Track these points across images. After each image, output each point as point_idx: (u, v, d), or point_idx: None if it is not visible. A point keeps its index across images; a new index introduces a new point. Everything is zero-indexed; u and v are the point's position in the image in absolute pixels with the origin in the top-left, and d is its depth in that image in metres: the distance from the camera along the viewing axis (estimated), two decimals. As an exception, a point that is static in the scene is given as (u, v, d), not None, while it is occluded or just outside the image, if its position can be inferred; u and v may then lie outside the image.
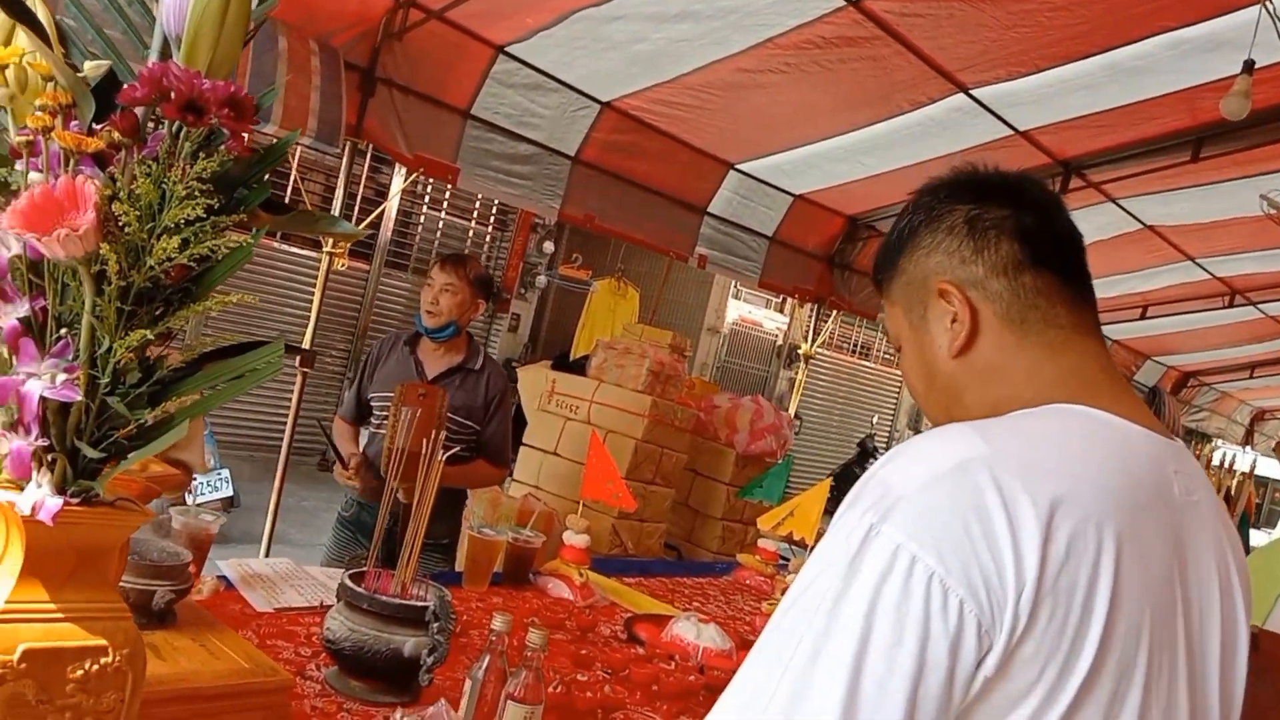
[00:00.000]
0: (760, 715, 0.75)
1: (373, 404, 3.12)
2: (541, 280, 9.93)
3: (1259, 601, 1.62)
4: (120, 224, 0.83)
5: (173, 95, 0.83)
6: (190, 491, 5.44)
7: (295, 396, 3.89)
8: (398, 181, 7.64)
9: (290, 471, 4.51)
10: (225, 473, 5.73)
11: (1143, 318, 7.35)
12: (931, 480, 0.78)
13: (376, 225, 8.64)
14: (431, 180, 9.07)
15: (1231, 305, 7.11)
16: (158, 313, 0.88)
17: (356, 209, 7.77)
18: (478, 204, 9.59)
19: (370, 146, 3.97)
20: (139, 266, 0.84)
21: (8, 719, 0.87)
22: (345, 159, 3.99)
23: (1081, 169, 4.91)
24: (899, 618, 0.73)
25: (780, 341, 12.56)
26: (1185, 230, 5.77)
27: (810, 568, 0.81)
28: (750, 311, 12.30)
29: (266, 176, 0.91)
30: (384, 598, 1.68)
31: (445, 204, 9.40)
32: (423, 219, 9.30)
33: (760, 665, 0.78)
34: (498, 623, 1.57)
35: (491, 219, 9.75)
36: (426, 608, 1.67)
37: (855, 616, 0.74)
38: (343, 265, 3.95)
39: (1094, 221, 5.47)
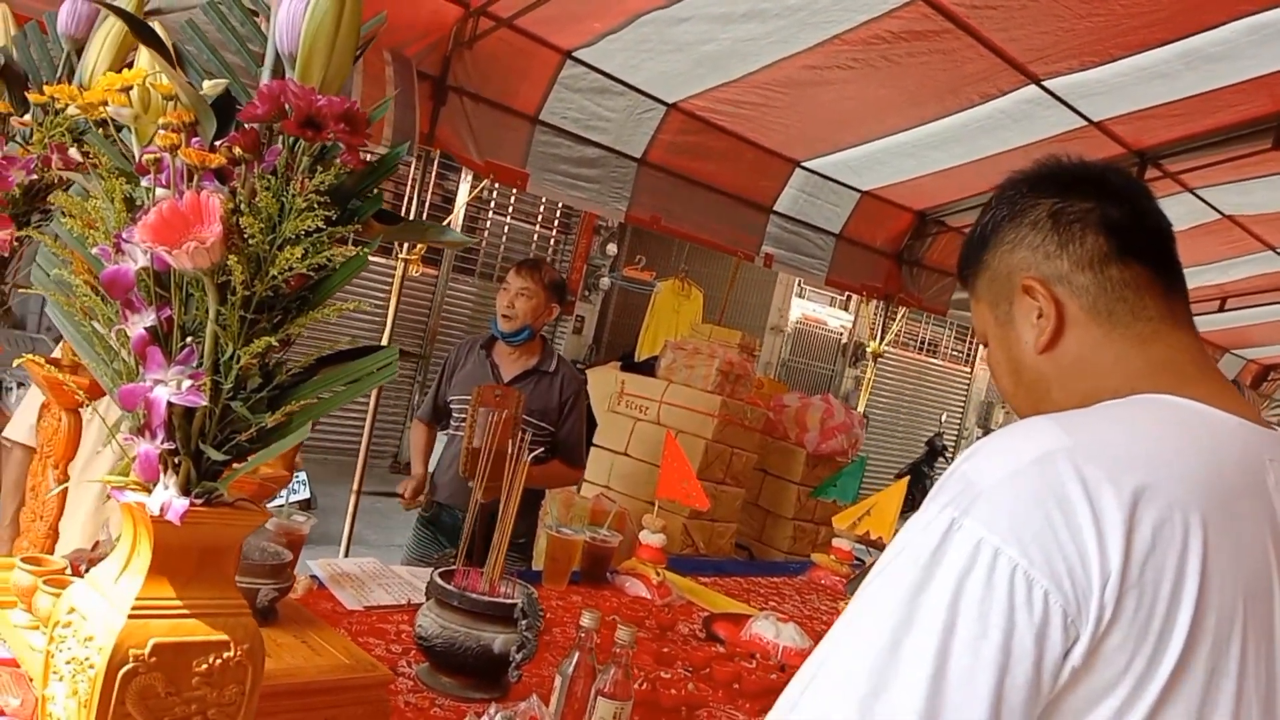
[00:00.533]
0: (839, 704, 0.75)
1: (451, 406, 3.18)
2: (605, 282, 9.99)
3: None
4: (244, 236, 0.87)
5: (291, 111, 0.87)
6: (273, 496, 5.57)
7: (373, 399, 3.97)
8: (464, 188, 7.74)
9: (365, 474, 4.61)
10: (302, 475, 5.85)
11: (1221, 310, 7.16)
12: (1013, 473, 0.78)
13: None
14: (498, 186, 9.20)
15: (1315, 296, 6.90)
16: (277, 320, 0.92)
17: (425, 216, 7.88)
18: (542, 208, 9.68)
19: (438, 154, 4.04)
20: (261, 276, 0.88)
21: (138, 709, 0.91)
22: (419, 168, 4.07)
23: (1158, 159, 4.81)
24: (983, 611, 0.73)
25: (845, 339, 12.46)
26: (1266, 219, 5.62)
27: (889, 561, 0.81)
28: (814, 310, 12.22)
29: (380, 190, 0.94)
30: (474, 595, 1.72)
31: (511, 209, 9.51)
32: (489, 224, 9.42)
33: (838, 656, 0.78)
34: (587, 619, 1.59)
35: (556, 223, 9.83)
36: (515, 605, 1.71)
37: (939, 609, 0.74)
38: (417, 272, 4.02)
39: (1171, 212, 5.12)
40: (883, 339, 6.16)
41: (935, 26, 3.59)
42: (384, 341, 4.01)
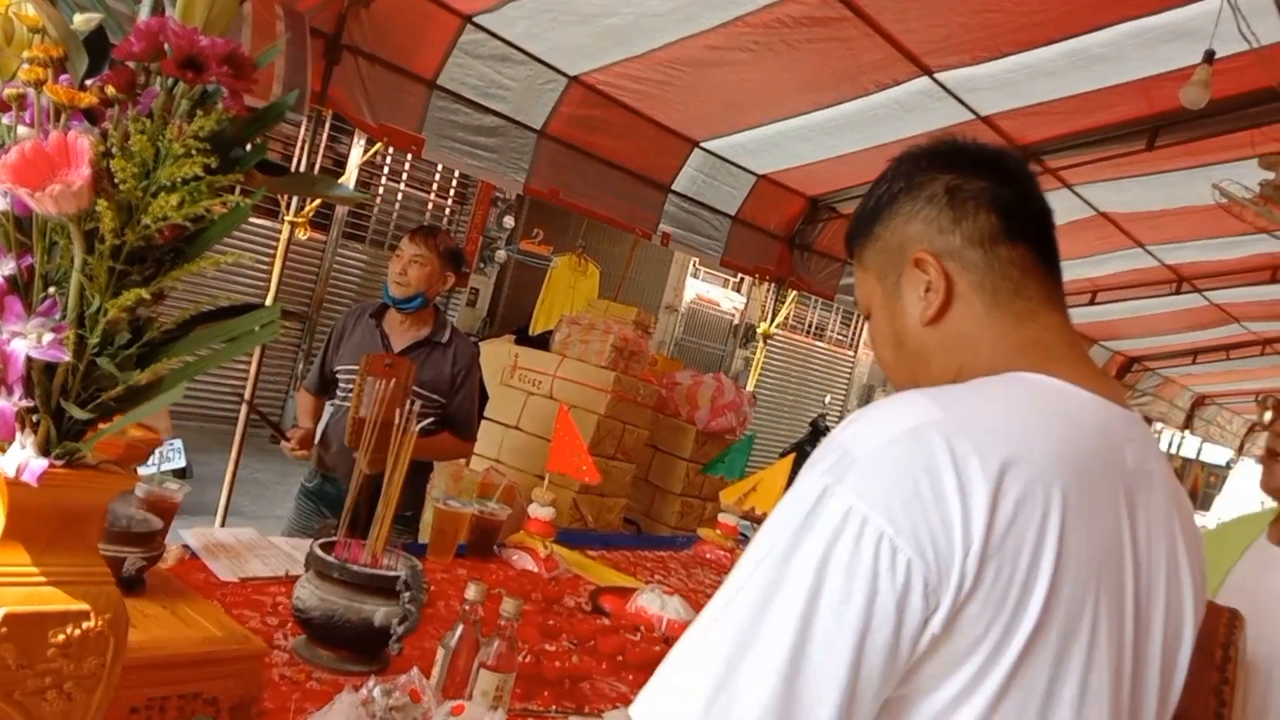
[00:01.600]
0: (707, 661, 0.77)
1: (339, 376, 3.09)
2: (501, 255, 9.88)
3: (1211, 574, 1.67)
4: (115, 181, 0.81)
5: (170, 51, 0.82)
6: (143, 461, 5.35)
7: (254, 363, 3.84)
8: (357, 152, 7.54)
9: (244, 443, 4.45)
10: (178, 443, 5.64)
11: (1092, 303, 7.49)
12: (885, 444, 0.80)
13: (333, 195, 8.51)
14: (391, 151, 8.96)
15: (1178, 292, 7.26)
16: (149, 273, 0.87)
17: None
18: (438, 176, 9.50)
19: (330, 115, 3.92)
20: (133, 225, 0.83)
21: (-11, 682, 0.86)
22: (309, 128, 3.94)
23: (1040, 155, 4.97)
24: (848, 575, 0.75)
25: (736, 320, 12.62)
26: (1137, 218, 5.89)
27: (767, 526, 0.82)
28: (708, 290, 12.33)
29: (265, 138, 0.89)
30: (355, 567, 1.68)
31: (405, 176, 9.30)
32: (382, 190, 9.19)
33: (710, 615, 0.80)
34: (472, 592, 1.57)
35: (452, 192, 9.66)
36: (398, 577, 1.67)
37: (806, 572, 0.76)
38: (304, 235, 3.89)
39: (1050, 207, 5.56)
40: (773, 321, 6.25)
41: (834, 14, 3.64)
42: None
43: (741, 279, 12.16)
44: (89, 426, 0.90)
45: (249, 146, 0.88)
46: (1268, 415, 1.62)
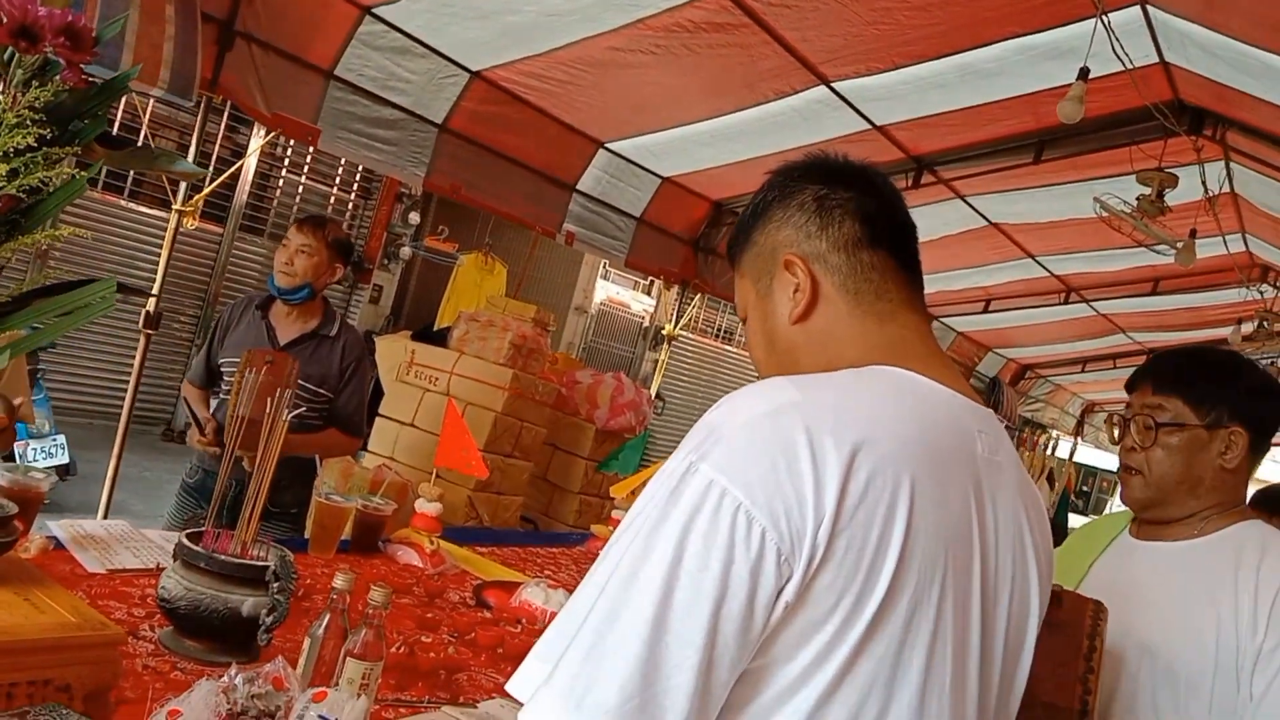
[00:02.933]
0: (578, 632, 0.81)
1: (222, 370, 3.02)
2: (406, 252, 9.75)
3: (1076, 566, 1.76)
4: (-58, 149, 0.80)
5: (4, 20, 0.81)
6: (22, 458, 5.15)
7: (138, 359, 3.73)
8: (255, 142, 7.37)
9: (133, 441, 4.32)
10: (61, 439, 5.44)
11: (986, 311, 7.74)
12: (747, 423, 0.85)
13: (231, 187, 8.32)
14: (292, 143, 8.79)
15: (1067, 302, 7.56)
16: (-19, 244, 0.85)
17: (211, 168, 7.46)
18: (341, 170, 9.34)
19: (228, 104, 3.84)
20: (-39, 194, 0.81)
21: None
22: (200, 115, 3.85)
23: (933, 165, 5.14)
24: (706, 545, 0.80)
25: (647, 323, 12.69)
26: (1026, 229, 6.11)
27: (639, 501, 0.87)
28: (618, 293, 12.37)
29: (104, 111, 0.89)
30: (222, 556, 1.65)
31: (306, 168, 9.11)
32: (281, 183, 9.00)
33: (584, 589, 0.85)
34: (339, 581, 1.56)
35: (355, 186, 9.51)
36: (267, 567, 1.65)
37: (669, 543, 0.81)
38: (191, 225, 3.80)
39: (943, 217, 5.74)
40: (678, 323, 6.31)
41: (734, 20, 3.70)
42: (150, 308, 3.76)
43: (652, 282, 12.23)
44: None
45: (89, 118, 0.87)
46: (1116, 431, 1.71)
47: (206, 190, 4.02)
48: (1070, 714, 1.37)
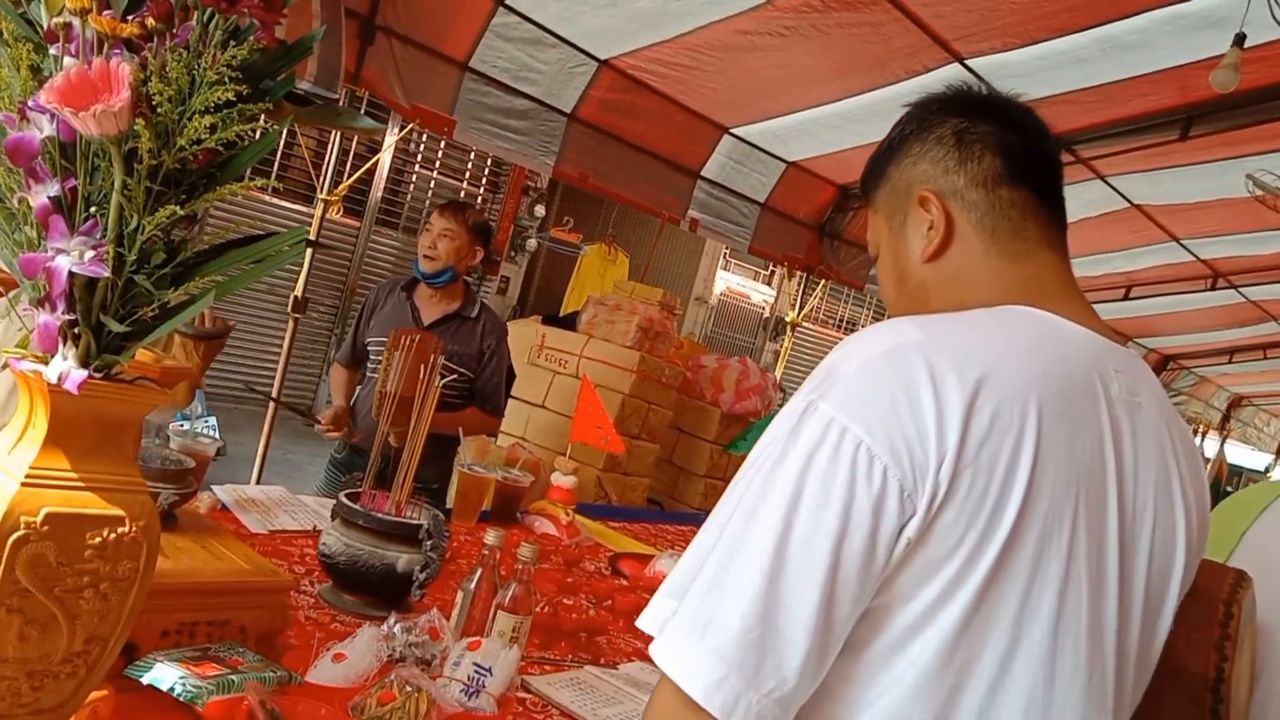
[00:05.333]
0: (701, 566, 0.83)
1: (369, 349, 3.16)
2: (532, 243, 9.93)
3: (1227, 536, 1.67)
4: (153, 104, 0.87)
5: (205, -18, 0.87)
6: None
7: (287, 340, 3.92)
8: (391, 138, 7.62)
9: (278, 425, 4.51)
10: (212, 420, 5.73)
11: (1126, 298, 7.40)
12: (867, 361, 0.85)
13: (368, 183, 8.63)
14: (425, 139, 9.06)
15: (1214, 288, 7.17)
16: (184, 195, 0.92)
17: (349, 164, 7.75)
18: (470, 165, 9.57)
19: (366, 100, 3.98)
20: (169, 147, 0.88)
21: (28, 576, 0.91)
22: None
23: (1072, 144, 4.94)
24: (826, 482, 0.80)
25: (767, 314, 12.62)
26: (1171, 210, 5.82)
27: (760, 442, 0.87)
28: (739, 283, 12.34)
29: (292, 71, 0.94)
30: (379, 514, 1.73)
31: (438, 164, 9.38)
32: (414, 178, 9.28)
33: (708, 528, 0.86)
34: (490, 537, 1.62)
35: (484, 180, 9.73)
36: (420, 525, 1.72)
37: (788, 480, 0.81)
38: (336, 213, 3.96)
39: (1081, 198, 5.52)
40: (800, 310, 6.25)
41: (865, -3, 3.65)
42: (298, 292, 3.94)
43: (772, 272, 12.15)
44: (126, 341, 0.95)
45: (278, 78, 0.93)
46: None
47: (349, 181, 4.19)
48: (1204, 680, 1.30)
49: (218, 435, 5.76)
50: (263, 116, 0.94)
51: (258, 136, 0.92)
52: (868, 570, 0.81)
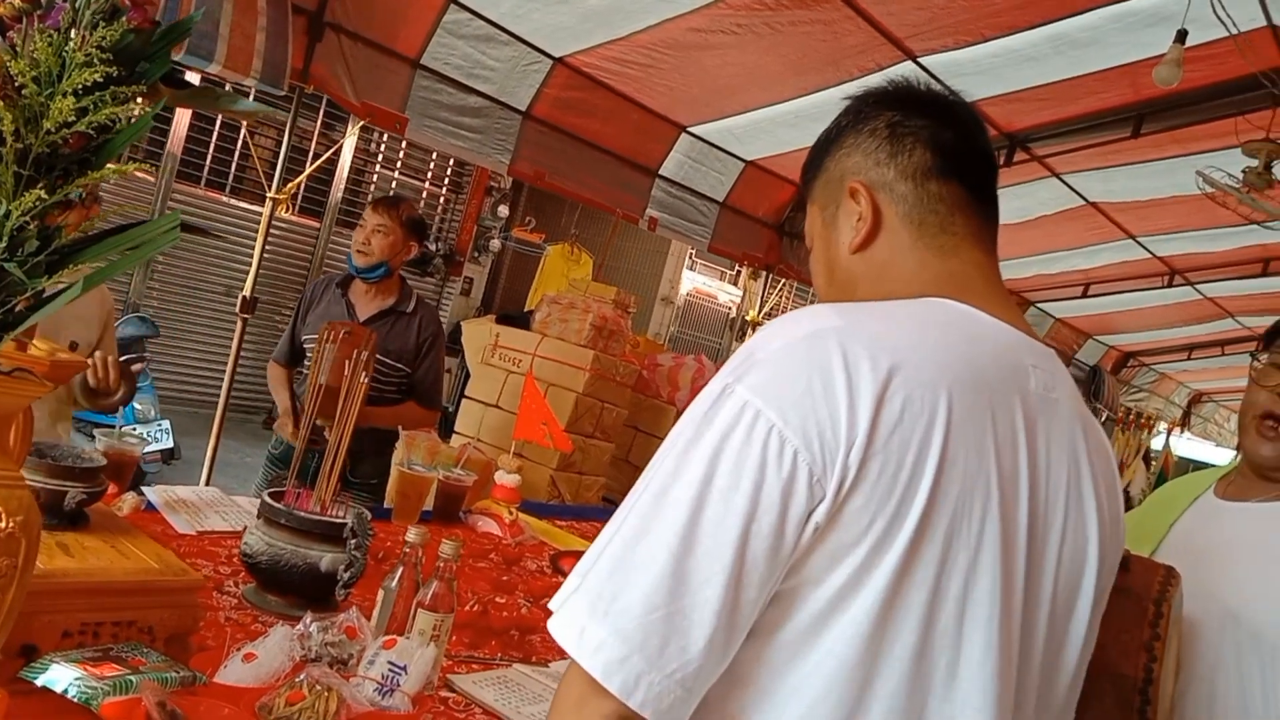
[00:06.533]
0: (610, 545, 0.82)
1: (305, 346, 3.12)
2: (495, 244, 9.89)
3: (1155, 529, 1.67)
4: (17, 85, 0.84)
5: (70, -40, 0.84)
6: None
7: (235, 342, 3.86)
8: (351, 140, 7.57)
9: (235, 429, 4.46)
10: (166, 424, 5.67)
11: (1085, 295, 7.46)
12: (784, 346, 0.85)
13: (328, 183, 8.55)
14: (385, 139, 8.99)
15: (1170, 285, 7.24)
16: (57, 181, 0.89)
17: (308, 165, 7.67)
18: (432, 165, 9.51)
19: (323, 102, 3.94)
20: (36, 130, 0.85)
21: (-102, 578, 0.88)
22: (293, 108, 3.96)
23: (1027, 142, 4.98)
24: (738, 465, 0.80)
25: (733, 314, 12.64)
26: (1126, 208, 5.88)
27: (677, 424, 0.87)
28: (704, 283, 12.35)
29: (169, 52, 0.92)
30: (301, 513, 1.70)
31: (399, 164, 9.31)
32: (375, 178, 9.21)
33: (620, 510, 0.85)
34: (412, 535, 1.60)
35: (446, 181, 9.68)
36: (344, 524, 1.70)
37: (701, 462, 0.81)
38: (285, 213, 3.92)
39: (1038, 196, 5.56)
40: (762, 309, 6.26)
41: (815, -6, 3.65)
42: (247, 292, 3.88)
43: (739, 272, 12.17)
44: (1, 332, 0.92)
45: (154, 59, 0.91)
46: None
47: (301, 178, 4.15)
48: (1133, 683, 1.30)
49: (171, 439, 5.69)
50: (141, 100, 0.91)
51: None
52: (775, 553, 0.81)
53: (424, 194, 9.58)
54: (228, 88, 4.35)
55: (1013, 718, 0.92)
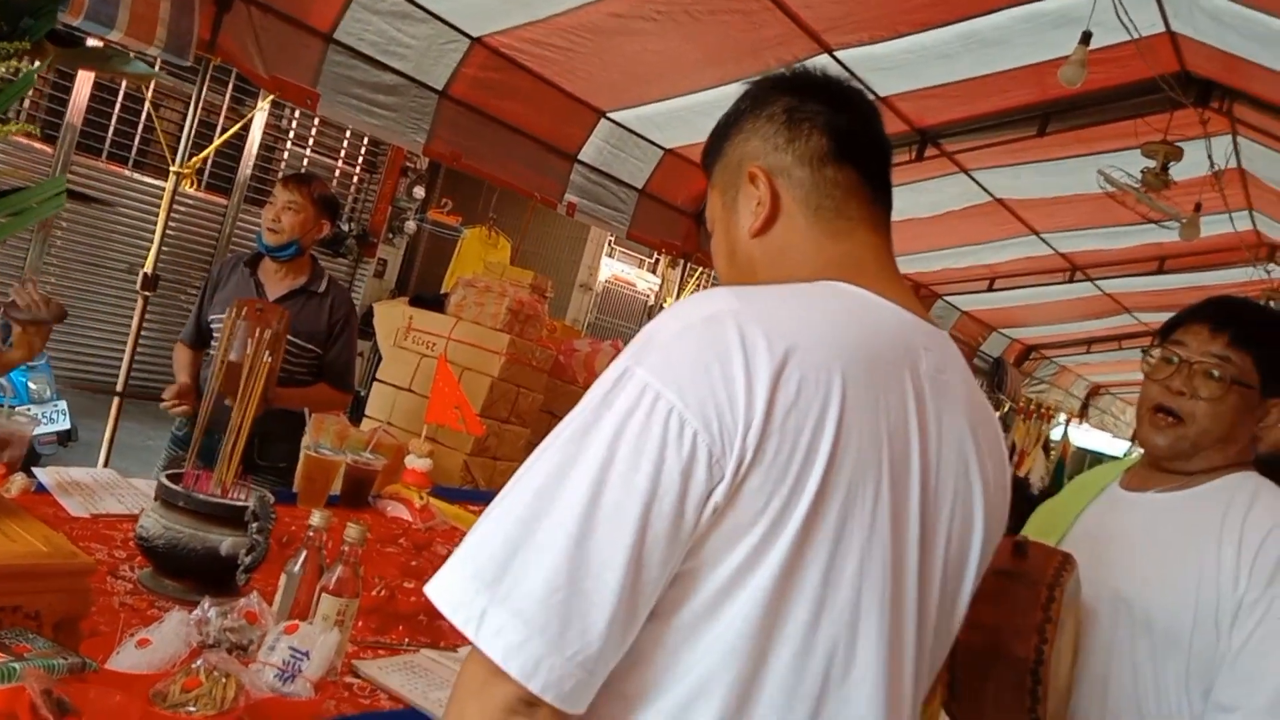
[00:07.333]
0: (505, 525, 0.81)
1: (212, 327, 3.03)
2: (410, 226, 9.73)
3: (1062, 520, 1.72)
4: (-114, 38, 0.79)
5: (-52, -93, 0.80)
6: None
7: (135, 320, 3.73)
8: (261, 116, 7.36)
9: (138, 411, 4.30)
10: (62, 404, 5.45)
11: (990, 290, 7.67)
12: (683, 329, 0.86)
13: (236, 159, 8.31)
14: (297, 117, 8.77)
15: (1072, 280, 7.48)
16: (-69, 142, 0.85)
17: (215, 139, 7.44)
18: (345, 143, 9.31)
19: (233, 77, 3.81)
20: (-93, 87, 0.81)
21: None
22: (200, 80, 3.83)
23: (937, 138, 5.08)
24: (638, 447, 0.80)
25: (652, 302, 12.68)
26: (1032, 205, 6.05)
27: (576, 406, 0.86)
28: (624, 270, 12.36)
29: (54, 10, 0.88)
30: (200, 495, 1.65)
31: (311, 142, 9.09)
32: (286, 155, 8.98)
33: (513, 489, 0.84)
34: (316, 519, 1.56)
35: (360, 160, 9.48)
36: (245, 507, 1.65)
37: (601, 444, 0.81)
38: (190, 188, 3.79)
39: (947, 191, 5.69)
40: (678, 296, 6.28)
41: (734, -17, 3.66)
42: (148, 269, 3.75)
43: (657, 260, 12.21)
44: None
45: (38, 16, 0.86)
46: (1164, 371, 1.56)
47: (207, 152, 4.03)
48: (1026, 664, 1.35)
49: (68, 420, 5.49)
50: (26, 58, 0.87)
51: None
52: (676, 534, 0.81)
53: (337, 173, 9.37)
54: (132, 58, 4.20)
55: (909, 688, 0.95)
